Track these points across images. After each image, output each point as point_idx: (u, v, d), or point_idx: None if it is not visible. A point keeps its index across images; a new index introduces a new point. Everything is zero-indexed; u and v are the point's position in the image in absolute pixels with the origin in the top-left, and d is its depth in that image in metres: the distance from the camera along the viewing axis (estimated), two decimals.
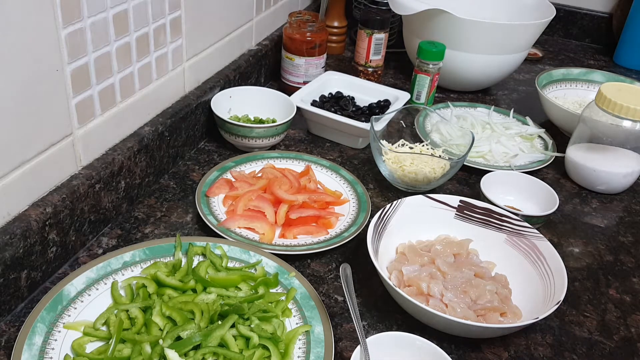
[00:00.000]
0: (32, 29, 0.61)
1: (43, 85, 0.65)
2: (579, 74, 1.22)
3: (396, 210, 0.79)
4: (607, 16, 1.59)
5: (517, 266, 0.76)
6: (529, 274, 0.75)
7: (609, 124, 0.92)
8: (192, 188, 0.89)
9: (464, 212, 0.81)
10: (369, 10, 1.23)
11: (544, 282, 0.72)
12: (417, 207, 0.80)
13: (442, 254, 0.76)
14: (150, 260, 0.72)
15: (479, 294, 0.70)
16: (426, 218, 0.81)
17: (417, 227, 0.80)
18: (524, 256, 0.77)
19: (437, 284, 0.71)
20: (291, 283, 0.71)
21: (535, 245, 0.76)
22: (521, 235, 0.78)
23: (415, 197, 0.81)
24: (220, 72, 1.04)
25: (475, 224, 0.81)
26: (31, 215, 0.66)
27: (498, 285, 0.72)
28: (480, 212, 0.81)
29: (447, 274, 0.73)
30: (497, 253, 0.79)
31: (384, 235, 0.76)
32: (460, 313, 0.68)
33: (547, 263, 0.73)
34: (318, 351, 0.63)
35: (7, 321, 0.65)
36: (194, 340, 0.61)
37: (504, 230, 0.79)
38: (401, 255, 0.77)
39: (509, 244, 0.79)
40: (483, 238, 0.80)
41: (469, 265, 0.75)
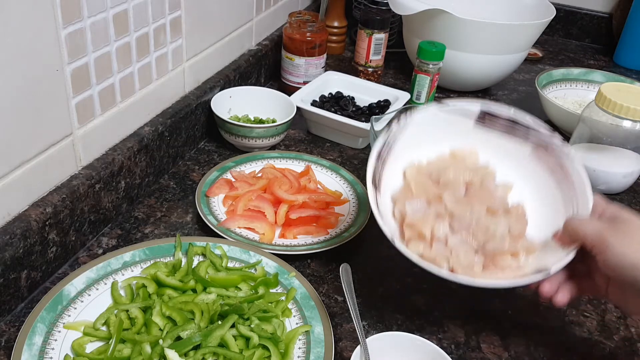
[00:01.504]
0: (32, 29, 0.61)
1: (43, 85, 0.65)
2: (579, 74, 1.22)
3: (404, 128, 0.69)
4: (607, 16, 1.59)
5: (540, 185, 0.69)
6: (553, 196, 0.67)
7: (609, 124, 0.92)
8: (192, 188, 0.89)
9: (485, 119, 0.72)
10: (369, 10, 1.23)
11: (566, 208, 0.66)
12: (429, 121, 0.71)
13: (452, 184, 0.68)
14: (150, 260, 0.72)
15: (489, 236, 0.64)
16: (440, 130, 0.71)
17: (430, 142, 0.71)
18: (550, 174, 0.68)
19: (443, 225, 0.65)
20: (291, 283, 0.71)
21: (562, 163, 0.68)
22: (549, 149, 0.69)
23: (428, 109, 0.71)
24: (220, 72, 1.04)
25: (498, 133, 0.71)
26: (31, 215, 0.66)
27: (512, 221, 0.66)
28: (505, 120, 0.71)
29: (455, 213, 0.66)
30: (519, 168, 0.70)
31: (390, 159, 0.68)
32: (464, 259, 0.63)
33: (574, 185, 0.65)
34: (318, 351, 0.63)
35: (7, 321, 0.65)
36: (194, 340, 0.61)
37: (530, 140, 0.70)
38: (407, 186, 0.69)
39: (533, 158, 0.70)
40: (505, 149, 0.71)
41: (482, 198, 0.67)
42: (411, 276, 0.77)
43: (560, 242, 0.63)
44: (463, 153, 0.72)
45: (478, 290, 0.76)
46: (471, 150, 0.72)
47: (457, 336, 0.70)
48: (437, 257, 0.63)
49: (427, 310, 0.73)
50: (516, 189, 0.71)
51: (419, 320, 0.71)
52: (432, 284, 0.77)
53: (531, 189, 0.70)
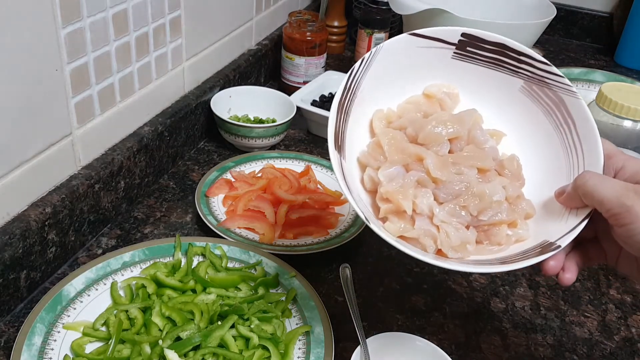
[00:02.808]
0: (32, 28, 0.61)
1: (42, 85, 0.65)
2: (579, 73, 1.22)
3: (369, 64, 0.55)
4: (608, 16, 1.59)
5: (535, 128, 0.58)
6: (551, 141, 0.57)
7: (610, 123, 0.92)
8: (191, 188, 0.89)
9: (466, 50, 0.59)
10: (369, 10, 1.23)
11: (568, 160, 0.55)
12: (400, 54, 0.57)
13: (433, 139, 0.55)
14: (150, 261, 0.72)
15: (483, 206, 0.52)
16: (413, 65, 0.58)
17: (400, 80, 0.59)
18: (545, 113, 0.57)
19: (426, 195, 0.52)
20: (291, 283, 0.71)
21: (562, 102, 0.56)
22: (544, 84, 0.57)
23: (398, 39, 0.57)
24: (220, 71, 1.04)
25: (482, 66, 0.59)
26: (30, 215, 0.66)
27: (506, 180, 0.55)
28: (490, 50, 0.58)
29: (440, 180, 0.53)
30: (508, 109, 0.59)
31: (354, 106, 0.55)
32: (456, 238, 0.51)
33: (577, 131, 0.55)
34: (318, 351, 0.62)
35: (7, 321, 0.65)
36: (194, 340, 0.61)
37: (521, 74, 0.58)
38: (376, 145, 0.55)
39: (525, 94, 0.58)
40: (491, 86, 0.59)
41: (471, 156, 0.55)
42: (411, 276, 0.77)
43: (564, 203, 0.52)
44: (439, 92, 0.60)
45: (478, 290, 0.76)
46: (449, 88, 0.60)
47: (458, 336, 0.70)
48: (420, 237, 0.51)
49: (427, 310, 0.73)
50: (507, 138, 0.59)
51: (419, 320, 0.71)
52: (433, 284, 0.76)
53: (524, 134, 0.59)
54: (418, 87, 0.60)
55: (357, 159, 0.56)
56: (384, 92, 0.58)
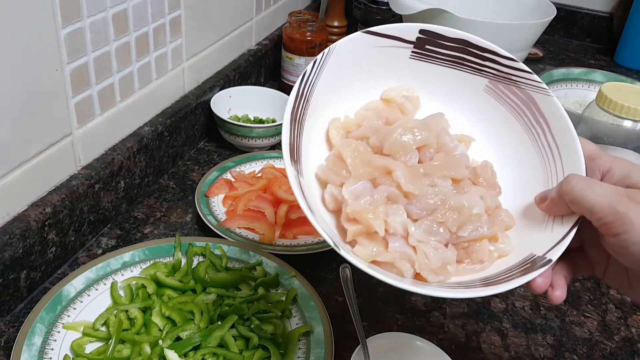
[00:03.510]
0: (32, 28, 0.61)
1: (42, 85, 0.65)
2: (579, 73, 1.22)
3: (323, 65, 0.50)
4: (608, 16, 1.59)
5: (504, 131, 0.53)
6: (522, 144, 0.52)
7: (610, 123, 0.92)
8: (191, 188, 0.89)
9: (425, 49, 0.53)
10: (369, 10, 1.23)
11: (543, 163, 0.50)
12: (355, 54, 0.52)
13: (401, 149, 0.49)
14: (150, 261, 0.72)
15: (462, 221, 0.47)
16: (369, 68, 0.53)
17: (357, 84, 0.53)
18: (514, 114, 0.52)
19: (399, 212, 0.46)
20: (291, 283, 0.71)
21: (533, 101, 0.52)
22: (511, 82, 0.52)
23: (351, 37, 0.51)
24: (220, 71, 1.04)
25: (442, 65, 0.54)
26: (30, 215, 0.66)
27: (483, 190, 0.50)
28: (452, 47, 0.53)
29: (413, 195, 0.47)
30: (473, 112, 0.54)
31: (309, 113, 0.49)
32: (435, 258, 0.46)
33: (552, 133, 0.50)
34: (318, 352, 0.62)
35: (7, 321, 0.65)
36: (194, 340, 0.61)
37: (485, 72, 0.53)
38: (337, 158, 0.50)
39: (491, 94, 0.53)
40: (453, 87, 0.54)
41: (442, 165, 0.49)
42: None
43: (546, 209, 0.48)
44: (399, 97, 0.54)
45: None
46: (409, 92, 0.55)
47: (457, 336, 0.70)
48: (396, 261, 0.46)
49: (427, 311, 0.73)
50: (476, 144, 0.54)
51: (419, 320, 0.71)
52: None
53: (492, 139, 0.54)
54: (376, 91, 0.55)
55: (315, 175, 0.50)
56: (340, 98, 0.53)
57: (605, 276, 0.48)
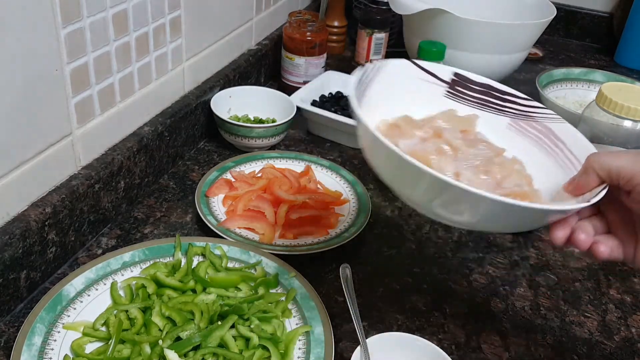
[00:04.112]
0: (31, 28, 0.61)
1: (42, 85, 0.65)
2: (579, 73, 1.22)
3: (376, 74, 0.60)
4: (608, 16, 1.59)
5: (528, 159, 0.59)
6: (545, 166, 0.59)
7: (610, 123, 0.92)
8: (191, 188, 0.89)
9: (456, 90, 0.64)
10: (369, 10, 1.23)
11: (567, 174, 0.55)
12: (401, 75, 0.62)
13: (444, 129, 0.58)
14: (150, 261, 0.72)
15: (506, 173, 0.53)
16: (411, 92, 0.63)
17: (400, 101, 0.61)
18: (535, 144, 0.61)
19: (449, 160, 0.52)
20: (291, 283, 0.71)
21: (550, 130, 0.60)
22: (530, 119, 0.62)
23: (401, 61, 0.63)
24: (220, 72, 1.04)
25: (470, 105, 0.64)
26: (30, 215, 0.66)
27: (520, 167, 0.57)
28: (478, 90, 0.64)
29: (460, 149, 0.54)
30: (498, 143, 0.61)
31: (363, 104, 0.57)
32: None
33: (570, 150, 0.57)
34: (318, 352, 0.62)
35: (7, 321, 0.65)
36: (194, 340, 0.61)
37: (507, 112, 0.63)
38: (392, 127, 0.57)
39: (513, 131, 0.62)
40: (480, 123, 0.63)
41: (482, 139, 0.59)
42: (411, 276, 0.77)
43: (576, 191, 0.52)
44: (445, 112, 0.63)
45: (478, 290, 0.76)
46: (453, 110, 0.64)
47: (458, 336, 0.70)
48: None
49: (427, 311, 0.73)
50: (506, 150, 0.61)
51: (419, 320, 0.71)
52: (433, 284, 0.76)
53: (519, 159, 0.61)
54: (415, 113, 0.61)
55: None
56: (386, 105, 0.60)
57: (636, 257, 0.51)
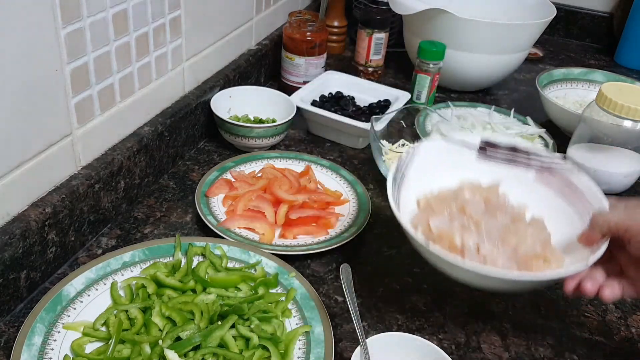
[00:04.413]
0: (32, 28, 0.61)
1: (42, 85, 0.65)
2: (579, 73, 1.22)
3: (413, 158, 0.72)
4: (608, 16, 1.59)
5: (552, 207, 0.71)
6: (566, 214, 0.69)
7: (610, 124, 0.92)
8: (191, 188, 0.89)
9: (486, 152, 0.75)
10: (369, 10, 1.23)
11: (583, 222, 0.66)
12: (435, 152, 0.74)
13: (470, 201, 0.69)
14: (150, 261, 0.72)
15: (519, 240, 0.64)
16: (446, 163, 0.74)
17: (438, 173, 0.73)
18: (558, 194, 0.71)
19: (471, 235, 0.63)
20: (291, 283, 0.71)
21: (569, 181, 0.70)
22: (552, 171, 0.72)
23: (433, 140, 0.75)
24: (220, 71, 1.04)
25: (501, 163, 0.75)
26: (30, 215, 0.66)
27: (537, 230, 0.67)
28: (505, 152, 0.75)
29: (481, 222, 0.65)
30: (528, 194, 0.72)
31: (403, 187, 0.70)
32: (501, 266, 0.62)
33: (586, 199, 0.68)
34: (318, 352, 0.62)
35: (7, 321, 0.65)
36: (194, 340, 0.61)
37: (532, 166, 0.74)
38: (426, 207, 0.71)
39: (539, 182, 0.73)
40: (510, 178, 0.74)
41: (503, 210, 0.69)
42: (411, 276, 0.77)
43: (587, 242, 0.62)
44: (471, 183, 0.73)
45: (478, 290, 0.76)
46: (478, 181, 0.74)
47: (458, 336, 0.70)
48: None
49: (427, 311, 0.73)
50: (530, 210, 0.72)
51: (419, 320, 0.71)
52: (433, 284, 0.76)
53: (543, 210, 0.71)
54: (452, 179, 0.74)
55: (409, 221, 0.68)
56: (425, 180, 0.72)
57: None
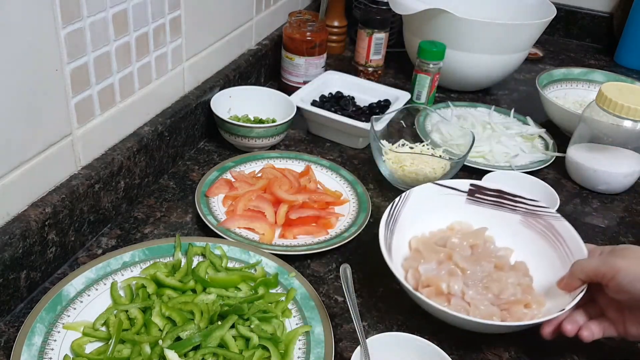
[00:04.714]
0: (32, 28, 0.61)
1: (42, 85, 0.65)
2: (579, 73, 1.22)
3: (405, 202, 0.76)
4: (608, 16, 1.59)
5: (536, 249, 0.75)
6: (549, 256, 0.73)
7: (610, 123, 0.92)
8: (191, 188, 0.89)
9: (475, 196, 0.79)
10: (369, 10, 1.23)
11: (564, 265, 0.70)
12: (426, 196, 0.78)
13: (458, 247, 0.74)
14: (150, 261, 0.72)
15: (501, 288, 0.69)
16: (437, 206, 0.79)
17: (429, 216, 0.78)
18: (542, 237, 0.75)
19: (457, 281, 0.69)
20: (291, 283, 0.71)
21: (552, 226, 0.75)
22: (536, 216, 0.76)
23: (424, 186, 0.79)
24: (220, 71, 1.04)
25: (488, 207, 0.79)
26: (30, 215, 0.66)
27: (519, 275, 0.71)
28: (492, 195, 0.79)
29: (467, 269, 0.70)
30: (513, 237, 0.77)
31: (396, 230, 0.74)
32: (484, 310, 0.67)
33: (567, 244, 0.72)
34: (318, 352, 0.62)
35: (7, 321, 0.65)
36: (194, 340, 0.61)
37: (518, 211, 0.78)
38: (415, 252, 0.75)
39: (524, 225, 0.77)
40: (497, 221, 0.78)
41: (488, 257, 0.73)
42: None
43: (565, 289, 0.67)
44: (460, 225, 0.79)
45: None
46: (467, 223, 0.79)
47: (457, 336, 0.69)
48: (457, 310, 0.65)
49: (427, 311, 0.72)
50: (515, 253, 0.77)
51: (419, 320, 0.71)
52: None
53: (528, 253, 0.75)
54: (442, 222, 0.79)
55: (401, 264, 0.74)
56: (417, 223, 0.77)
57: (626, 330, 0.63)
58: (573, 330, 0.64)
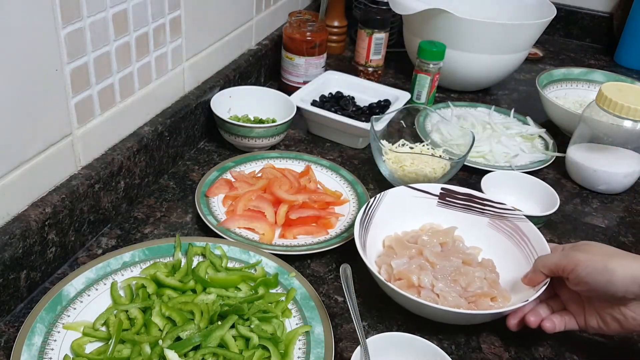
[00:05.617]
0: (32, 28, 0.61)
1: (42, 85, 0.65)
2: (579, 73, 1.22)
3: (380, 202, 0.79)
4: (608, 16, 1.59)
5: (502, 249, 0.78)
6: (515, 256, 0.76)
7: (610, 123, 0.92)
8: (191, 188, 0.89)
9: (445, 199, 0.83)
10: (369, 10, 1.23)
11: (529, 264, 0.73)
12: (400, 198, 0.81)
13: (428, 244, 0.77)
14: (150, 261, 0.72)
15: (469, 281, 0.72)
16: (410, 208, 0.82)
17: (402, 217, 0.81)
18: (508, 238, 0.78)
19: (427, 275, 0.71)
20: (291, 283, 0.71)
21: (517, 227, 0.78)
22: (503, 218, 0.80)
23: (398, 188, 0.82)
24: (220, 71, 1.04)
25: (458, 210, 0.82)
26: (30, 215, 0.66)
27: (486, 271, 0.74)
28: (462, 198, 0.82)
29: (436, 264, 0.73)
30: (481, 238, 0.80)
31: (370, 228, 0.77)
32: (452, 302, 0.69)
33: (532, 244, 0.75)
34: (318, 352, 0.62)
35: (7, 321, 0.65)
36: (194, 340, 0.61)
37: (486, 214, 0.81)
38: (389, 248, 0.78)
39: (492, 227, 0.80)
40: (466, 223, 0.81)
41: (456, 253, 0.76)
42: None
43: (529, 283, 0.70)
44: (432, 227, 0.82)
45: None
46: (438, 225, 0.83)
47: (457, 336, 0.70)
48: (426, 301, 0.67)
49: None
50: (483, 252, 0.80)
51: (419, 320, 0.71)
52: None
53: (494, 252, 0.78)
54: (415, 223, 0.82)
55: (374, 261, 0.76)
56: (391, 223, 0.80)
57: (586, 323, 0.66)
58: (536, 321, 0.66)
